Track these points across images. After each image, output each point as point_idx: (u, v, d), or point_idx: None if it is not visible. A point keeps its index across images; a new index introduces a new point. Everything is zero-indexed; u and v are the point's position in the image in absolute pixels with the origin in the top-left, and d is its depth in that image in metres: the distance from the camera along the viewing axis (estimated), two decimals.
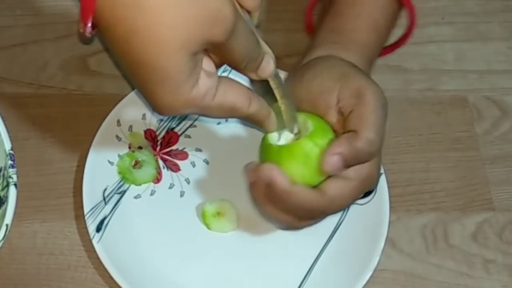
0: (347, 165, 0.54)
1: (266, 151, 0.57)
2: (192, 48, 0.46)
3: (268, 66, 0.52)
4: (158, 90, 0.47)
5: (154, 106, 0.49)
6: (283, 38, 0.72)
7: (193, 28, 0.45)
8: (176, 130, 0.67)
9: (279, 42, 0.71)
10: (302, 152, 0.55)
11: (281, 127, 0.56)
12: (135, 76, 0.48)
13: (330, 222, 0.64)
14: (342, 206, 0.57)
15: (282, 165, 0.55)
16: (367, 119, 0.54)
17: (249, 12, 0.51)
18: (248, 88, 0.53)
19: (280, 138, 0.57)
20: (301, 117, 0.57)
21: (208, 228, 0.63)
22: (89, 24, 0.46)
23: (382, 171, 0.64)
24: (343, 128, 0.56)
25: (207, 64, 0.50)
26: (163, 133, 0.66)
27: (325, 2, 0.66)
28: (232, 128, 0.67)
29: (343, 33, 0.62)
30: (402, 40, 0.68)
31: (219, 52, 0.49)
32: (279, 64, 0.65)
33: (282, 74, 0.59)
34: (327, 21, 0.63)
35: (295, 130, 0.57)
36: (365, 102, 0.54)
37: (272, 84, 0.54)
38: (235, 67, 0.51)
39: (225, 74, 0.61)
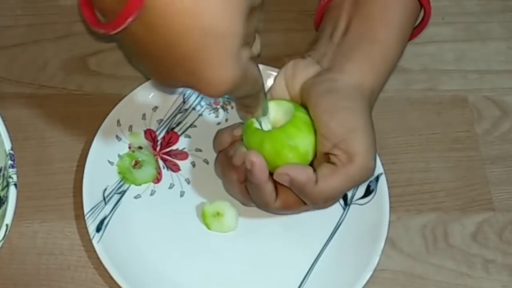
0: (292, 188, 0.58)
1: (257, 136, 0.58)
2: (246, 8, 0.46)
3: (256, 47, 0.53)
4: (220, 61, 0.47)
5: (213, 86, 0.48)
6: (283, 38, 0.72)
7: None
8: (176, 130, 0.67)
9: (279, 42, 0.71)
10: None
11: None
12: (192, 59, 0.46)
13: (330, 222, 0.64)
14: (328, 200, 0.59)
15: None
16: (334, 184, 0.57)
17: None
18: None
19: (262, 124, 0.59)
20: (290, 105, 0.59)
21: (208, 228, 0.63)
22: (130, 19, 0.44)
23: (382, 171, 0.65)
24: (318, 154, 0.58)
25: None
26: (163, 133, 0.66)
27: None
28: None
29: (376, 45, 0.61)
30: (412, 36, 0.66)
31: None
32: (279, 64, 0.65)
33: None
34: (357, 23, 0.62)
35: (268, 119, 0.59)
36: (347, 171, 0.57)
37: None
38: None
39: None
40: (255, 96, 0.55)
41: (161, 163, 0.65)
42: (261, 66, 0.66)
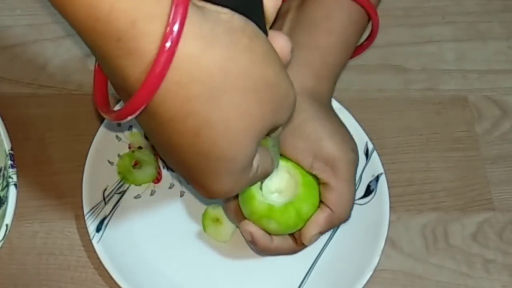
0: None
1: (254, 205, 0.57)
2: (260, 136, 0.43)
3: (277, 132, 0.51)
4: (219, 179, 0.44)
5: (209, 194, 0.46)
6: None
7: (267, 116, 0.42)
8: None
9: None
10: (290, 221, 0.57)
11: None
12: (191, 168, 0.44)
13: None
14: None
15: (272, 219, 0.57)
16: (343, 197, 0.57)
17: None
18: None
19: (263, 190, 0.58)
20: (290, 169, 0.58)
21: (204, 229, 0.63)
22: (135, 114, 0.40)
23: (382, 171, 0.65)
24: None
25: None
26: None
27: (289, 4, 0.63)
28: None
29: (316, 51, 0.60)
30: (360, 49, 0.65)
31: None
32: None
33: None
34: (299, 32, 0.61)
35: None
36: (339, 179, 0.57)
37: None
38: None
39: None
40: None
41: (161, 163, 0.65)
42: None
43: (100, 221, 0.61)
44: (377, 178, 0.65)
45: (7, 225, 0.57)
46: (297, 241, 0.59)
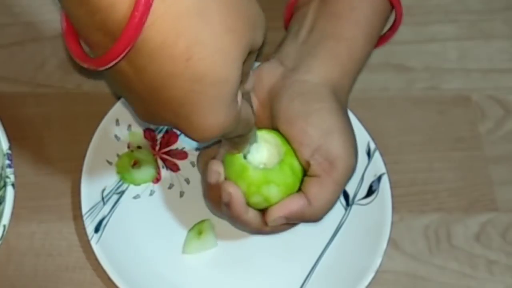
0: (290, 221, 0.57)
1: (250, 175, 0.56)
2: (244, 55, 0.44)
3: (249, 84, 0.52)
4: (212, 109, 0.44)
5: (201, 132, 0.45)
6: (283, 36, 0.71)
7: (248, 33, 0.44)
8: (175, 129, 0.66)
9: (279, 41, 0.70)
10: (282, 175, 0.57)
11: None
12: (183, 103, 0.43)
13: (332, 222, 0.64)
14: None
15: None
16: (326, 197, 0.56)
17: None
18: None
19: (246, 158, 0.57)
20: (266, 137, 0.57)
21: (188, 251, 0.62)
22: (119, 58, 0.40)
23: (384, 171, 0.64)
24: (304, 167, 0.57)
25: None
26: (162, 133, 0.66)
27: None
28: None
29: (343, 43, 0.60)
30: (383, 40, 0.66)
31: None
32: None
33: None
34: (324, 21, 0.61)
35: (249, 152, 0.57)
36: (332, 178, 0.56)
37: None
38: None
39: None
40: (245, 136, 0.54)
41: (160, 163, 0.65)
42: (260, 64, 0.66)
43: (99, 221, 0.61)
44: (379, 178, 0.64)
45: (4, 225, 0.57)
46: (265, 220, 0.58)
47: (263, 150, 0.57)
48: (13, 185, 0.59)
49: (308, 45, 0.60)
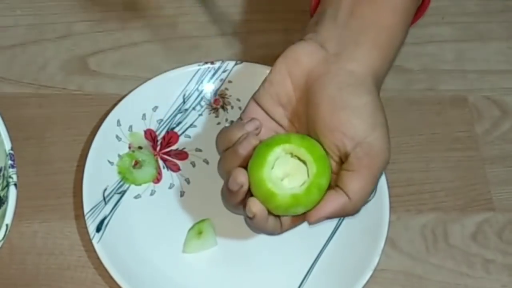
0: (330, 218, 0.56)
1: (278, 200, 0.55)
2: None
3: None
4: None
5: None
6: (283, 38, 0.72)
7: None
8: (176, 130, 0.67)
9: (279, 42, 0.71)
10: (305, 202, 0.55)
11: None
12: None
13: (330, 222, 0.64)
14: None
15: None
16: (365, 190, 0.55)
17: None
18: None
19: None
20: (287, 148, 0.56)
21: (188, 250, 0.62)
22: None
23: None
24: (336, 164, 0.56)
25: None
26: (163, 133, 0.66)
27: None
28: None
29: (383, 32, 0.58)
30: (418, 15, 0.64)
31: None
32: None
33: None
34: (363, 9, 0.58)
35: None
36: (373, 170, 0.55)
37: None
38: None
39: None
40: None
41: (161, 163, 0.65)
42: (260, 66, 0.66)
43: (100, 221, 0.61)
44: None
45: (7, 225, 0.57)
46: (282, 225, 0.57)
47: (285, 164, 0.56)
48: (15, 185, 0.59)
49: (350, 31, 0.58)
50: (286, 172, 0.56)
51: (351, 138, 0.55)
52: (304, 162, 0.55)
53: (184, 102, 0.67)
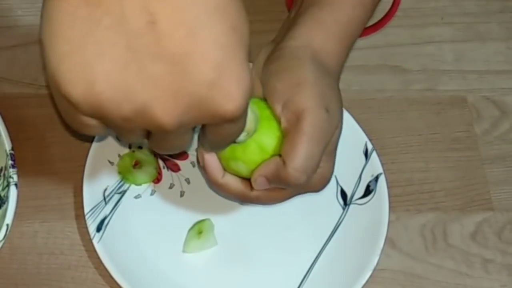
0: (274, 185, 0.55)
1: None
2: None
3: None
4: (237, 61, 0.42)
5: (233, 93, 0.42)
6: None
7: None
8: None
9: None
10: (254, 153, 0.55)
11: None
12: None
13: (329, 222, 0.64)
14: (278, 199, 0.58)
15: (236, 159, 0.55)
16: (297, 152, 0.52)
17: None
18: None
19: None
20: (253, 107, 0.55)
21: (188, 250, 0.62)
22: None
23: (381, 171, 0.65)
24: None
25: None
26: None
27: None
28: None
29: (324, 8, 0.58)
30: (386, 19, 0.64)
31: None
32: None
33: None
34: None
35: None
36: (300, 130, 0.53)
37: None
38: None
39: None
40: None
41: (161, 163, 0.66)
42: None
43: (101, 221, 0.61)
44: (376, 178, 0.65)
45: (7, 225, 0.57)
46: (251, 187, 0.56)
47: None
48: (16, 185, 0.59)
49: (294, 18, 0.59)
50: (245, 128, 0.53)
51: (277, 102, 0.54)
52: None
53: None
